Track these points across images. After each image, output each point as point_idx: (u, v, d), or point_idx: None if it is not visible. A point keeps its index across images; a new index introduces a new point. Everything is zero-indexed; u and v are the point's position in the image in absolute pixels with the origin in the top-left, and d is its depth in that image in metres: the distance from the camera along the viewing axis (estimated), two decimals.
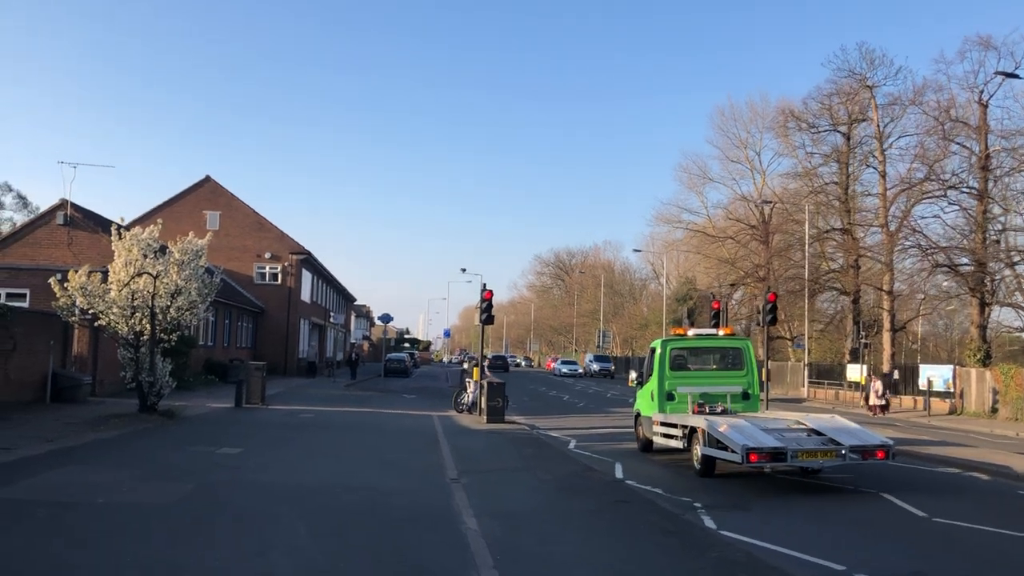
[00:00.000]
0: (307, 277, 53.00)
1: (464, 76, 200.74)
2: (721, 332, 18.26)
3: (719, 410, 16.43)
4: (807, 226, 48.78)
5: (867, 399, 35.68)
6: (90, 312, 19.29)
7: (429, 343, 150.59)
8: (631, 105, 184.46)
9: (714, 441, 13.98)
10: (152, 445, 15.32)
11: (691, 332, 18.27)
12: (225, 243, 48.43)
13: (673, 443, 16.06)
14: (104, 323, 19.28)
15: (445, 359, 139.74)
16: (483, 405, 23.15)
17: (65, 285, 18.85)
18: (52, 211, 29.34)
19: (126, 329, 19.24)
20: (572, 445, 19.05)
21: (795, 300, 56.09)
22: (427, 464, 14.54)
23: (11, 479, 10.72)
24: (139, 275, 18.83)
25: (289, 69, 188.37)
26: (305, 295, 52.69)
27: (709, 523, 10.26)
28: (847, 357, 48.86)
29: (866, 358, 43.09)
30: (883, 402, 34.51)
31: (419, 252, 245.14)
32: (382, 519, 9.45)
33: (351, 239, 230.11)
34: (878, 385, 35.30)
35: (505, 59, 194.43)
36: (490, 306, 25.85)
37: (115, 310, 18.97)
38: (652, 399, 17.41)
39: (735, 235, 64.84)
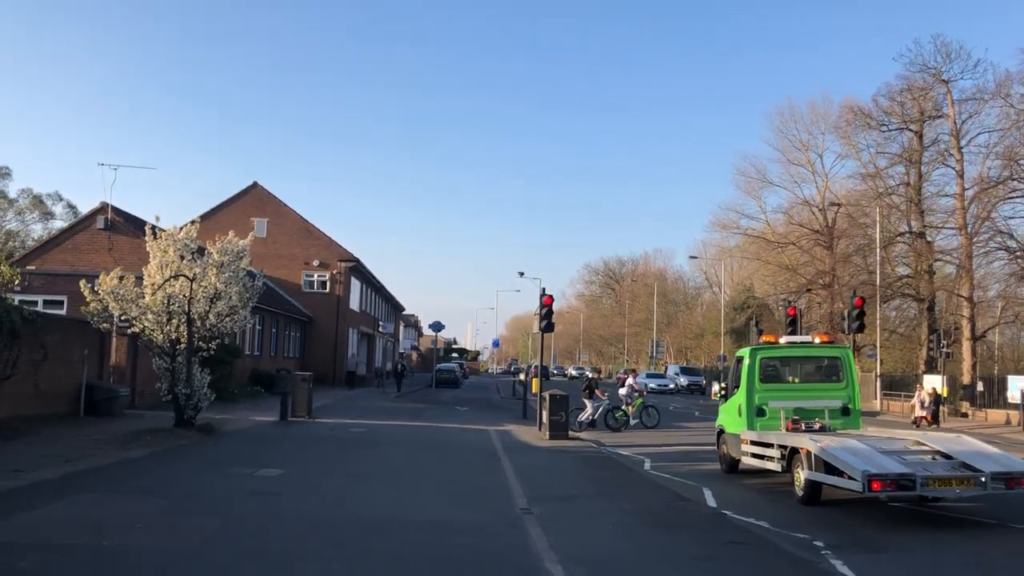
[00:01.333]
0: (356, 285, 51.74)
1: (498, 87, 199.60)
2: (817, 339, 16.19)
3: (816, 427, 14.48)
4: (879, 229, 46.14)
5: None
6: (123, 318, 17.88)
7: (478, 353, 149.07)
8: (673, 115, 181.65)
9: (821, 464, 12.02)
10: (183, 467, 13.76)
11: (783, 339, 16.24)
12: (273, 250, 47.46)
13: (769, 465, 14.08)
14: (138, 330, 17.86)
15: (491, 369, 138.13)
16: (544, 419, 21.33)
17: (96, 289, 17.46)
18: (92, 215, 28.26)
19: (161, 337, 17.79)
20: (647, 466, 17.13)
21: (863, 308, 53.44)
22: (491, 488, 12.77)
23: (9, 511, 9.12)
24: (175, 278, 17.36)
25: (336, 82, 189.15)
26: (354, 303, 51.42)
27: (845, 571, 8.30)
28: (922, 367, 46.12)
29: (943, 368, 40.45)
30: (924, 413, 32.10)
31: (467, 262, 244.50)
32: (451, 567, 7.67)
33: (397, 249, 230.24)
34: (923, 395, 33.04)
35: (541, 68, 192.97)
36: (550, 312, 24.08)
37: (149, 316, 17.53)
38: (739, 414, 15.47)
39: (797, 240, 62.27)
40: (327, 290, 48.24)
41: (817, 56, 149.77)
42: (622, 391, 27.32)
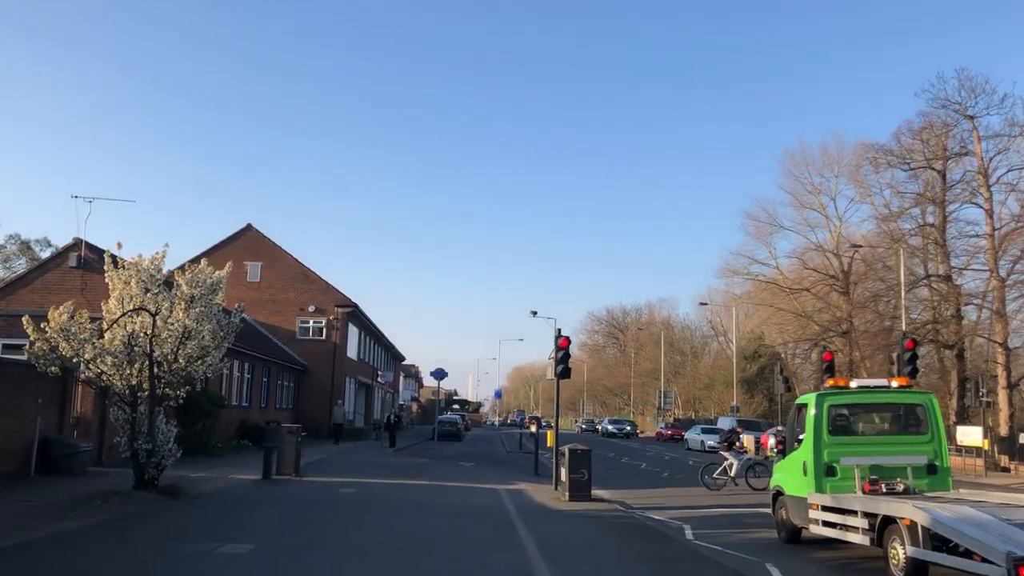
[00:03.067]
0: (353, 332, 49.21)
1: (498, 136, 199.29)
2: (894, 383, 13.70)
3: (900, 488, 11.95)
4: (902, 272, 43.71)
5: None
6: (74, 360, 15.32)
7: (480, 404, 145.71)
8: (674, 165, 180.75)
9: (930, 538, 9.52)
10: (130, 542, 11.12)
11: (854, 383, 13.73)
12: (267, 296, 45.21)
13: (851, 537, 11.52)
14: (93, 375, 15.29)
15: (492, 421, 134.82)
16: (564, 478, 18.70)
17: (43, 327, 14.94)
18: (65, 252, 25.86)
19: (120, 382, 15.20)
20: (689, 534, 14.54)
21: (887, 356, 51.03)
22: (510, 571, 10.18)
23: None
24: (134, 312, 14.85)
25: (336, 128, 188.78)
26: (351, 352, 48.85)
27: None
28: (953, 418, 43.41)
29: (982, 419, 37.82)
30: None
31: (469, 311, 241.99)
32: None
33: (396, 298, 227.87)
34: None
35: (541, 115, 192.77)
36: (567, 356, 21.56)
37: (107, 358, 14.96)
38: (804, 473, 12.93)
39: (811, 286, 59.98)
40: (323, 337, 45.69)
41: (827, 99, 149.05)
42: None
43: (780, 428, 31.74)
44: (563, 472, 18.91)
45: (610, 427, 74.71)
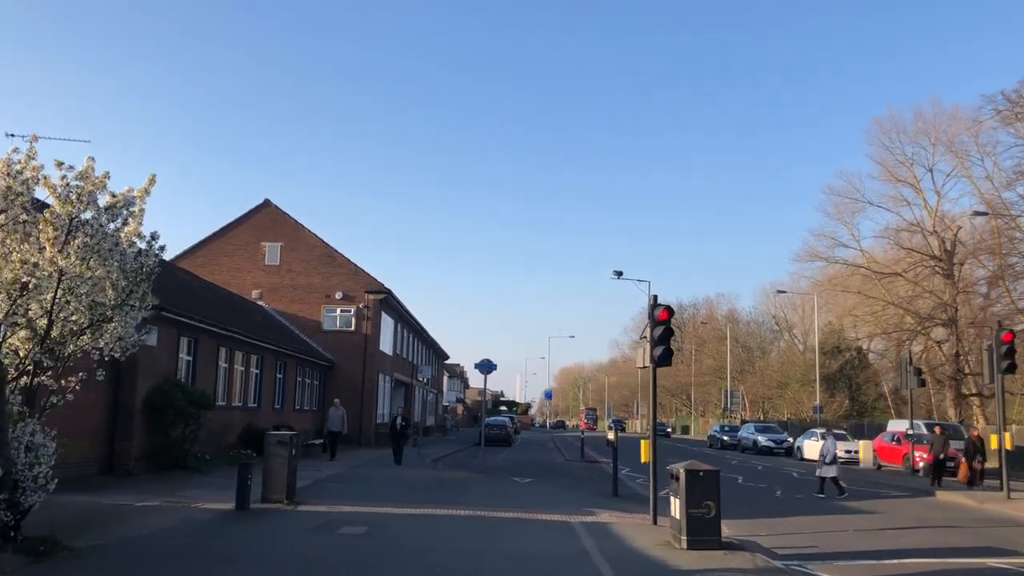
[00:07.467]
0: (387, 323, 43.14)
1: (545, 119, 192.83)
2: None
3: None
4: None
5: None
6: None
7: (528, 405, 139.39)
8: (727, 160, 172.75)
9: None
10: None
11: None
12: (288, 281, 39.50)
13: None
14: None
15: (539, 422, 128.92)
16: (678, 512, 12.24)
17: None
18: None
19: None
20: None
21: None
22: None
23: None
24: None
25: (376, 105, 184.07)
26: (385, 345, 42.76)
27: None
28: None
29: None
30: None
31: (513, 308, 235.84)
32: None
33: (434, 295, 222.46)
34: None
35: (591, 98, 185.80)
36: (668, 333, 15.08)
37: None
38: None
39: (906, 270, 52.60)
40: (352, 328, 39.71)
41: (918, 68, 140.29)
42: None
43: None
44: (675, 504, 12.46)
45: (761, 439, 46.93)
